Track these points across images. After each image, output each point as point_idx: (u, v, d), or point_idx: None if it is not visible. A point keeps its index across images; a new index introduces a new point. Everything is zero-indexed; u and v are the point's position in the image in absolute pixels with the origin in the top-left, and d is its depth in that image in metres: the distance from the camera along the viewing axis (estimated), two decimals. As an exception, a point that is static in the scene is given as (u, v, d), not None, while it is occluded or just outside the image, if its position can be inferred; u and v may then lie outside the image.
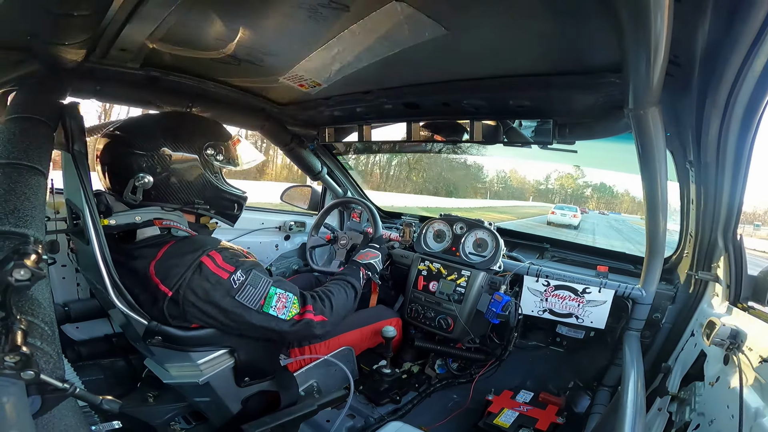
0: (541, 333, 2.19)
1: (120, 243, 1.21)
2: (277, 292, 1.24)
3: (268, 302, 1.22)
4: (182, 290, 1.12)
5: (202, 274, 1.13)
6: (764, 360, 0.94)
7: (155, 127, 1.26)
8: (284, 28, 1.13)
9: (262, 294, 1.21)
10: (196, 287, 1.13)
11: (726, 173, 1.17)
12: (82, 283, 1.64)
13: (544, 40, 1.05)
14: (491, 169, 46.00)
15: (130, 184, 1.17)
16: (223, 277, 1.15)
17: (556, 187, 55.31)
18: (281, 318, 1.24)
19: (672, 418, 1.23)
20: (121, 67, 1.36)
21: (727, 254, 1.33)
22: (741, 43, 0.78)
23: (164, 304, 1.13)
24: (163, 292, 1.12)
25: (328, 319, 1.33)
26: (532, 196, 52.92)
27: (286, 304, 1.25)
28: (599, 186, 56.69)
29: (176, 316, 1.15)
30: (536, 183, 57.16)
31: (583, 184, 57.28)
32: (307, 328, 1.29)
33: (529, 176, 57.75)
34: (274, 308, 1.22)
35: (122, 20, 1.02)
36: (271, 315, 1.22)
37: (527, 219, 22.10)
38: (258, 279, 1.21)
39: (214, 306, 1.16)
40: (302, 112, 1.92)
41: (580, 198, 54.53)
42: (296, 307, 1.28)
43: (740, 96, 0.92)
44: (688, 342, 1.48)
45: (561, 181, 55.40)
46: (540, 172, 57.10)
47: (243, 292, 1.17)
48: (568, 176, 55.40)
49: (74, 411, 0.70)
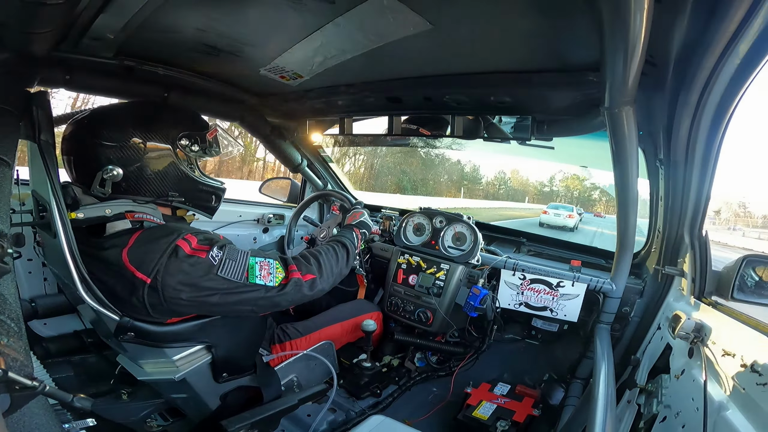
0: (518, 326, 2.24)
1: (89, 236, 1.16)
2: (258, 261, 1.19)
3: (252, 272, 1.16)
4: (160, 276, 1.07)
5: (178, 257, 1.09)
6: (727, 353, 0.97)
7: (125, 116, 1.21)
8: (267, 18, 1.10)
9: (243, 266, 1.16)
10: (174, 272, 1.08)
11: (694, 172, 1.21)
12: (49, 277, 1.57)
13: (526, 37, 1.06)
14: (490, 169, 44.58)
15: (98, 176, 1.12)
16: (201, 256, 1.11)
17: (561, 189, 52.29)
18: (270, 285, 1.18)
19: (641, 410, 1.27)
20: (94, 56, 1.30)
21: (693, 250, 1.38)
22: (715, 44, 0.80)
23: (144, 293, 1.08)
24: (141, 279, 1.07)
25: (317, 277, 1.27)
26: (532, 197, 50.30)
27: (270, 270, 1.20)
28: (609, 187, 56.60)
29: (157, 304, 1.10)
30: (540, 185, 54.29)
31: (591, 186, 53.58)
32: (297, 288, 1.23)
33: (532, 177, 55.22)
34: (260, 276, 1.17)
35: (96, 9, 0.97)
36: (259, 284, 1.17)
37: (506, 222, 20.33)
38: (235, 252, 1.17)
39: (196, 288, 1.10)
40: (283, 104, 1.89)
41: (587, 201, 51.27)
42: (281, 271, 1.22)
43: (711, 97, 0.94)
44: (655, 335, 1.53)
45: (566, 182, 52.23)
46: (544, 173, 54.29)
47: (224, 267, 1.13)
48: (574, 177, 51.55)
49: (45, 409, 0.68)
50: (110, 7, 0.96)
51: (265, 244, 2.49)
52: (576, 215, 20.60)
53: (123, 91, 1.49)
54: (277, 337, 1.57)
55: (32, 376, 0.58)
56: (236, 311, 1.20)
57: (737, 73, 0.86)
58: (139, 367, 1.28)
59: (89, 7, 0.95)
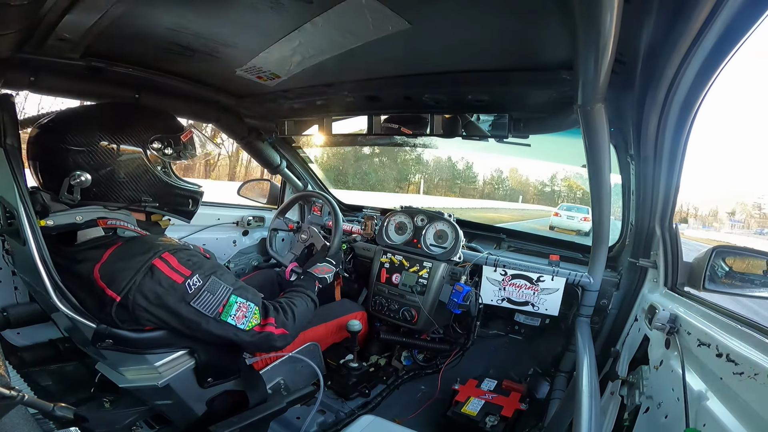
0: (501, 322, 2.27)
1: (59, 245, 1.12)
2: (238, 301, 1.17)
3: (227, 310, 1.15)
4: (131, 294, 1.04)
5: (153, 277, 1.06)
6: (702, 343, 0.99)
7: (92, 119, 1.16)
8: (243, 18, 1.09)
9: (220, 301, 1.14)
10: (147, 291, 1.05)
11: (663, 166, 1.25)
12: (20, 286, 1.52)
13: (502, 36, 1.08)
14: (485, 168, 41.57)
15: (65, 183, 1.08)
16: (177, 281, 1.08)
17: (564, 189, 47.86)
18: (240, 327, 1.17)
19: (624, 401, 1.29)
20: (60, 57, 1.26)
21: (664, 242, 1.43)
22: (681, 43, 0.83)
23: (112, 310, 1.05)
24: (111, 297, 1.04)
25: (289, 333, 1.28)
26: (530, 198, 46.54)
27: (246, 314, 1.18)
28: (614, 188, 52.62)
29: (126, 320, 1.08)
30: (541, 184, 50.08)
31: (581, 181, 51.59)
32: (268, 340, 1.23)
33: (532, 177, 50.46)
34: (234, 317, 1.16)
35: (63, 8, 0.94)
36: (229, 324, 1.15)
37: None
38: (217, 285, 1.14)
39: (167, 311, 1.09)
40: (260, 104, 1.87)
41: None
42: (257, 317, 1.21)
43: (677, 94, 0.98)
44: (632, 327, 1.57)
45: (569, 182, 47.48)
46: (545, 172, 49.75)
47: (199, 298, 1.10)
48: (579, 176, 48.88)
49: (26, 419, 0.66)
50: (77, 8, 0.93)
51: (245, 247, 2.45)
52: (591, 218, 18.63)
53: (91, 93, 1.45)
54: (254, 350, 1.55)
55: (10, 386, 0.56)
56: (194, 335, 1.17)
57: (701, 70, 0.89)
58: (120, 374, 1.25)
59: (55, 7, 0.92)
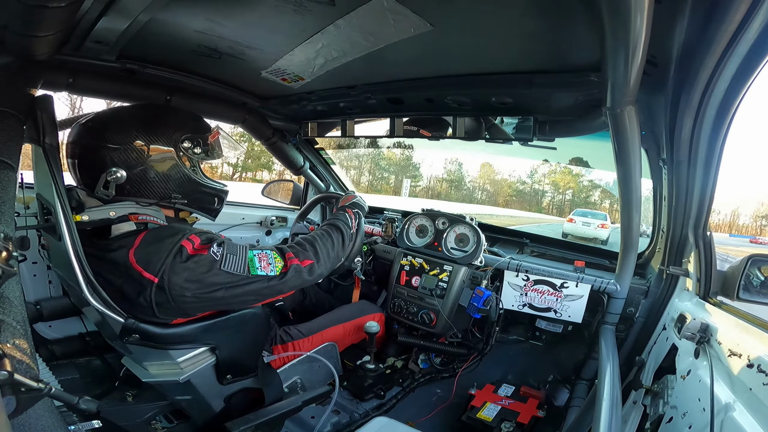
0: (521, 327, 2.24)
1: (93, 239, 1.17)
2: (255, 253, 1.22)
3: (252, 264, 1.19)
4: (166, 276, 1.09)
5: (182, 256, 1.11)
6: (733, 353, 0.96)
7: (128, 119, 1.22)
8: (268, 21, 1.11)
9: (243, 259, 1.19)
10: (180, 270, 1.10)
11: (697, 171, 1.20)
12: (54, 280, 1.58)
13: (527, 38, 1.06)
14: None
15: (101, 178, 1.13)
16: (203, 253, 1.13)
17: (547, 188, 40.28)
18: (271, 275, 1.21)
19: (647, 411, 1.26)
20: (96, 59, 1.31)
21: (698, 250, 1.37)
22: (716, 44, 0.80)
23: (151, 292, 1.09)
24: (149, 279, 1.09)
25: (315, 261, 1.30)
26: (505, 200, 39.57)
27: (269, 261, 1.23)
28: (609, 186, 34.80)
29: (164, 303, 1.11)
30: (517, 181, 41.69)
31: (589, 185, 40.90)
32: (298, 274, 1.26)
33: (504, 171, 41.87)
34: (260, 268, 1.20)
35: (98, 12, 0.98)
36: (261, 275, 1.20)
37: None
38: (234, 246, 1.20)
39: (203, 285, 1.12)
40: (284, 106, 1.90)
41: (586, 204, 39.29)
42: (279, 260, 1.25)
43: (713, 96, 0.94)
44: (660, 336, 1.52)
45: (554, 178, 39.62)
46: (520, 165, 40.94)
47: (226, 261, 1.15)
48: (565, 171, 37.27)
49: (51, 411, 0.68)
50: (111, 11, 0.97)
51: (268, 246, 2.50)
52: (609, 225, 16.48)
53: (125, 94, 1.50)
54: (280, 339, 1.57)
55: (38, 378, 0.58)
56: (241, 303, 1.24)
57: (738, 72, 0.86)
58: (143, 369, 1.29)
59: (91, 10, 0.96)
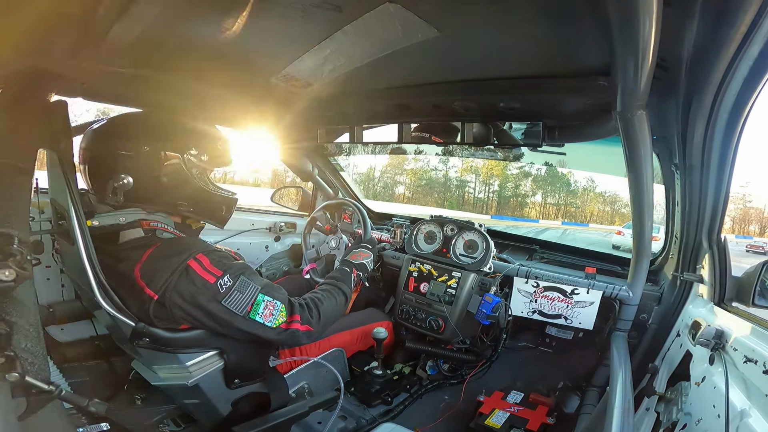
0: (531, 334, 2.21)
1: (103, 244, 1.19)
2: (265, 300, 1.22)
3: (255, 309, 1.20)
4: (168, 293, 1.10)
5: (188, 277, 1.12)
6: (749, 360, 0.95)
7: (137, 127, 1.24)
8: (276, 28, 1.12)
9: (249, 300, 1.19)
10: (182, 291, 1.11)
11: (711, 176, 1.19)
12: (66, 284, 1.61)
13: (535, 42, 1.05)
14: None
15: (109, 185, 1.15)
16: (209, 281, 1.14)
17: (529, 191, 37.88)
18: (267, 325, 1.22)
19: (659, 418, 1.24)
20: (109, 65, 1.34)
21: (712, 255, 1.35)
22: (727, 47, 0.79)
23: (150, 307, 1.12)
24: (149, 295, 1.10)
25: (314, 329, 1.31)
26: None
27: (273, 312, 1.23)
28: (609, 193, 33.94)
29: (162, 317, 1.14)
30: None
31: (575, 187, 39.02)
32: (293, 337, 1.28)
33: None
34: (261, 315, 1.21)
35: (111, 19, 1.01)
36: (257, 322, 1.21)
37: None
38: (246, 285, 1.20)
39: (200, 309, 1.14)
40: (293, 112, 1.91)
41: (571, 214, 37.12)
42: (283, 315, 1.26)
43: (725, 100, 0.93)
44: (674, 342, 1.50)
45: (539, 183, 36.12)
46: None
47: (230, 297, 1.16)
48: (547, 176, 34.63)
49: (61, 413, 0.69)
50: (125, 18, 0.99)
51: (276, 252, 2.51)
52: (661, 237, 15.87)
53: (138, 100, 1.53)
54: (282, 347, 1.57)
55: (49, 381, 0.59)
56: (224, 331, 1.22)
57: (750, 75, 0.85)
58: (153, 372, 1.30)
59: (105, 17, 0.98)
